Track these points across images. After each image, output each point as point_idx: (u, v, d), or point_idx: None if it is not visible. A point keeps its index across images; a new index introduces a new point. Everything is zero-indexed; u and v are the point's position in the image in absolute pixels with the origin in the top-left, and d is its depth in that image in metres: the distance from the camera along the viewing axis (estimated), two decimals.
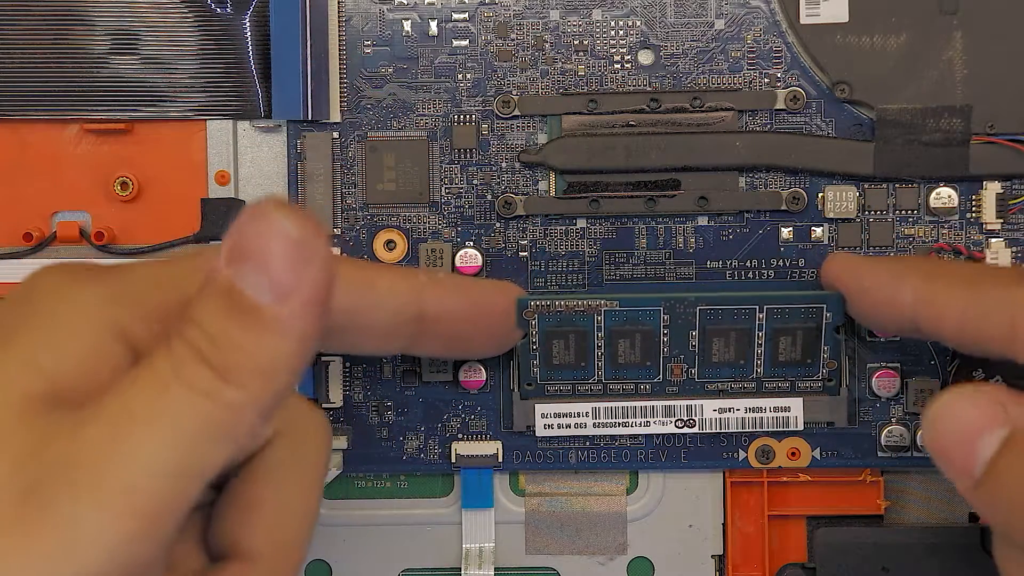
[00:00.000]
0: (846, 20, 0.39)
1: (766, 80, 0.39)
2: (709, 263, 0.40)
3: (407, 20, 0.39)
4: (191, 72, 0.39)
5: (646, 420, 0.39)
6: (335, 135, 0.39)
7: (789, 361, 0.39)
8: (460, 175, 0.40)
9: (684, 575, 0.41)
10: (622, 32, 0.39)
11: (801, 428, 0.39)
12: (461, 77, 0.39)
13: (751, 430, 0.39)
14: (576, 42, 0.39)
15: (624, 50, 0.39)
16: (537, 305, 0.38)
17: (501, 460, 0.40)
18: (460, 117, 0.39)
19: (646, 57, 0.39)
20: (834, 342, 0.38)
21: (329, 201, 0.39)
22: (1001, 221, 0.39)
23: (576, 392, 0.39)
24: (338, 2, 0.39)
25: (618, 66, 0.39)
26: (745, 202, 0.39)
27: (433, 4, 0.39)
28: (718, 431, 0.39)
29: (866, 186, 0.39)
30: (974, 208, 0.39)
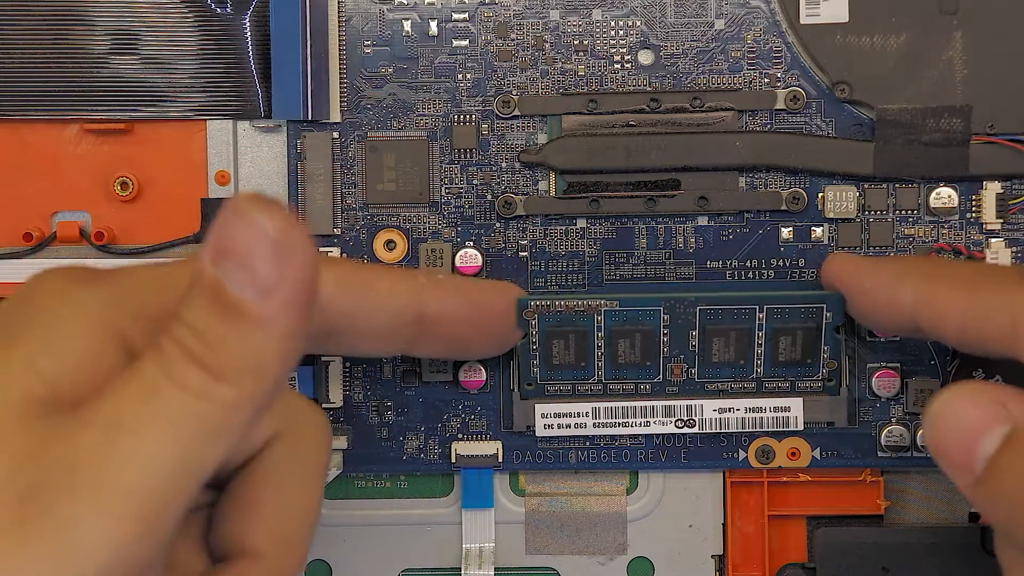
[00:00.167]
0: (846, 20, 0.39)
1: (766, 80, 0.39)
2: (709, 263, 0.40)
3: (407, 20, 0.39)
4: (191, 72, 0.39)
5: (646, 420, 0.39)
6: (335, 135, 0.39)
7: (789, 361, 0.39)
8: (460, 175, 0.40)
9: (684, 575, 0.41)
10: (622, 32, 0.39)
11: (801, 428, 0.39)
12: (461, 77, 0.39)
13: (751, 430, 0.39)
14: (576, 42, 0.39)
15: (624, 50, 0.39)
16: (537, 305, 0.38)
17: (501, 460, 0.40)
18: (460, 117, 0.39)
19: (646, 57, 0.39)
20: (834, 342, 0.38)
21: (329, 201, 0.39)
22: (1001, 221, 0.39)
23: (576, 392, 0.39)
24: (338, 2, 0.39)
25: (618, 66, 0.39)
26: (745, 202, 0.39)
27: (433, 4, 0.39)
28: (718, 431, 0.39)
29: (866, 186, 0.39)
30: (974, 208, 0.39)
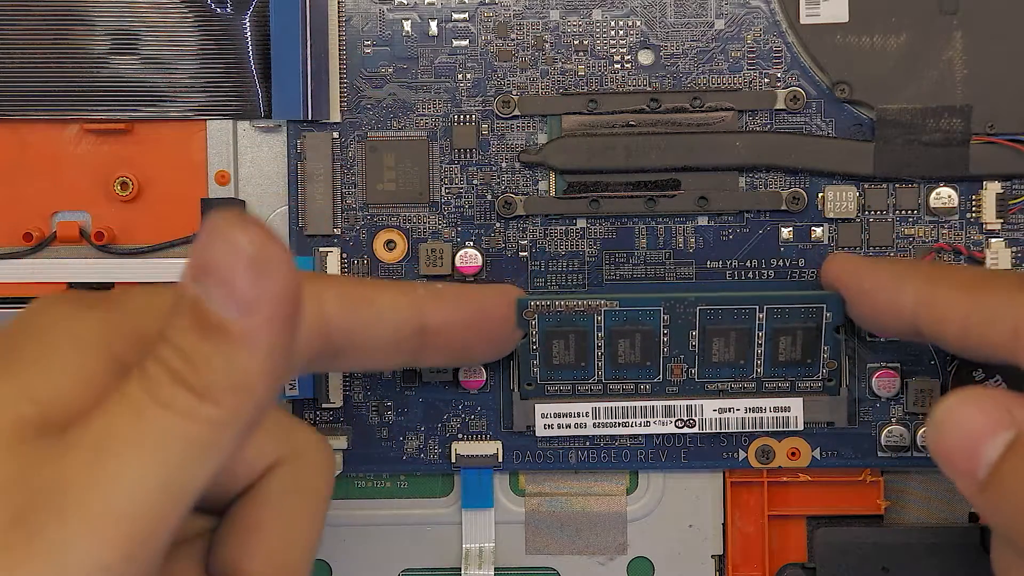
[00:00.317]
0: (846, 20, 0.39)
1: (766, 80, 0.39)
2: (709, 263, 0.40)
3: (407, 20, 0.39)
4: (191, 72, 0.39)
5: (646, 420, 0.39)
6: (335, 135, 0.39)
7: (789, 361, 0.39)
8: (460, 175, 0.40)
9: (684, 575, 0.41)
10: (622, 32, 0.39)
11: (801, 428, 0.39)
12: (461, 77, 0.39)
13: (751, 430, 0.39)
14: (576, 42, 0.39)
15: (624, 50, 0.39)
16: (537, 305, 0.38)
17: (501, 460, 0.40)
18: (460, 117, 0.39)
19: (646, 57, 0.39)
20: (834, 342, 0.38)
21: (329, 201, 0.39)
22: (1001, 221, 0.39)
23: (576, 392, 0.39)
24: (338, 2, 0.39)
25: (618, 66, 0.39)
26: (745, 202, 0.39)
27: (433, 4, 0.39)
28: (718, 431, 0.39)
29: (866, 186, 0.39)
30: (974, 208, 0.39)
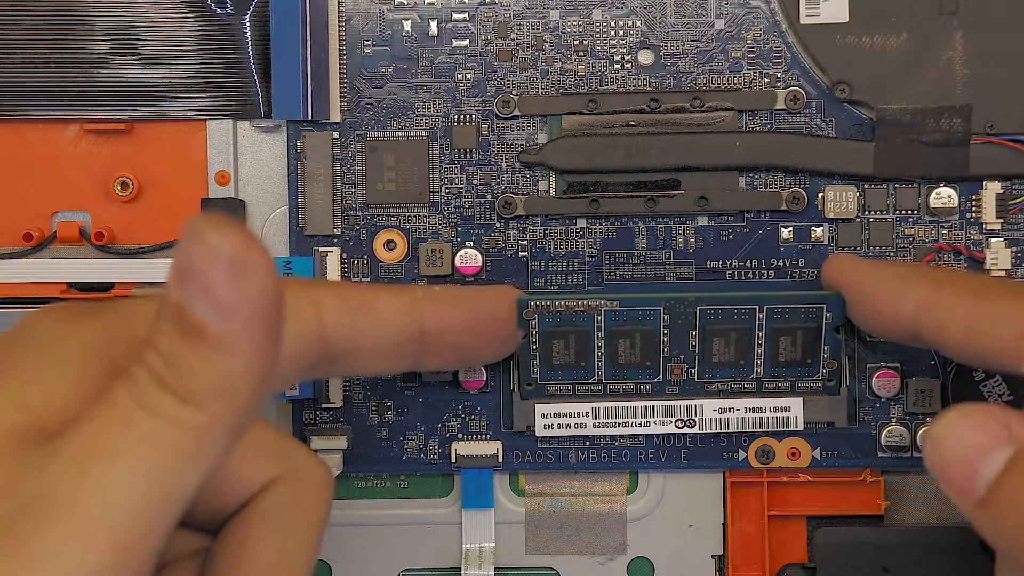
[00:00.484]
0: (846, 20, 0.39)
1: (766, 80, 0.39)
2: (709, 263, 0.40)
3: (407, 20, 0.39)
4: (191, 72, 0.39)
5: (646, 420, 0.39)
6: (335, 135, 0.39)
7: (789, 361, 0.39)
8: (460, 175, 0.40)
9: (684, 575, 0.41)
10: (622, 32, 0.39)
11: (801, 428, 0.39)
12: (461, 77, 0.39)
13: (751, 430, 0.39)
14: (576, 42, 0.39)
15: (624, 50, 0.39)
16: (537, 305, 0.38)
17: (501, 460, 0.40)
18: (460, 117, 0.39)
19: (646, 57, 0.39)
20: (834, 342, 0.38)
21: (329, 201, 0.39)
22: (1001, 221, 0.39)
23: (576, 392, 0.39)
24: (338, 2, 0.39)
25: (618, 66, 0.39)
26: (745, 202, 0.39)
27: (433, 4, 0.39)
28: (718, 431, 0.39)
29: (866, 186, 0.39)
30: (974, 208, 0.39)
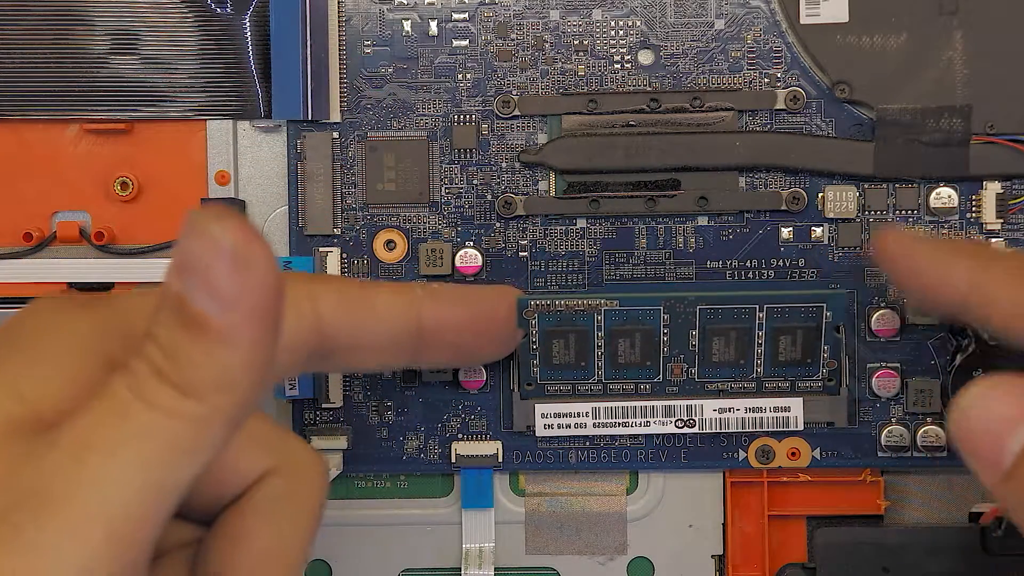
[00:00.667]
0: (846, 20, 0.39)
1: (766, 80, 0.39)
2: (709, 263, 0.40)
3: (407, 20, 0.39)
4: (191, 72, 0.39)
5: (646, 420, 0.39)
6: (335, 135, 0.39)
7: (789, 361, 0.39)
8: (460, 175, 0.40)
9: (684, 575, 0.41)
10: (622, 32, 0.39)
11: (801, 428, 0.39)
12: (461, 77, 0.39)
13: (751, 430, 0.39)
14: (576, 42, 0.39)
15: (624, 50, 0.39)
16: (537, 305, 0.38)
17: (501, 460, 0.40)
18: (460, 117, 0.39)
19: (646, 57, 0.39)
20: (834, 342, 0.38)
21: (329, 201, 0.39)
22: (1001, 221, 0.39)
23: (576, 392, 0.39)
24: (338, 2, 0.39)
25: (618, 66, 0.39)
26: (745, 202, 0.39)
27: (433, 4, 0.39)
28: (718, 431, 0.39)
29: (866, 186, 0.39)
30: (974, 208, 0.39)
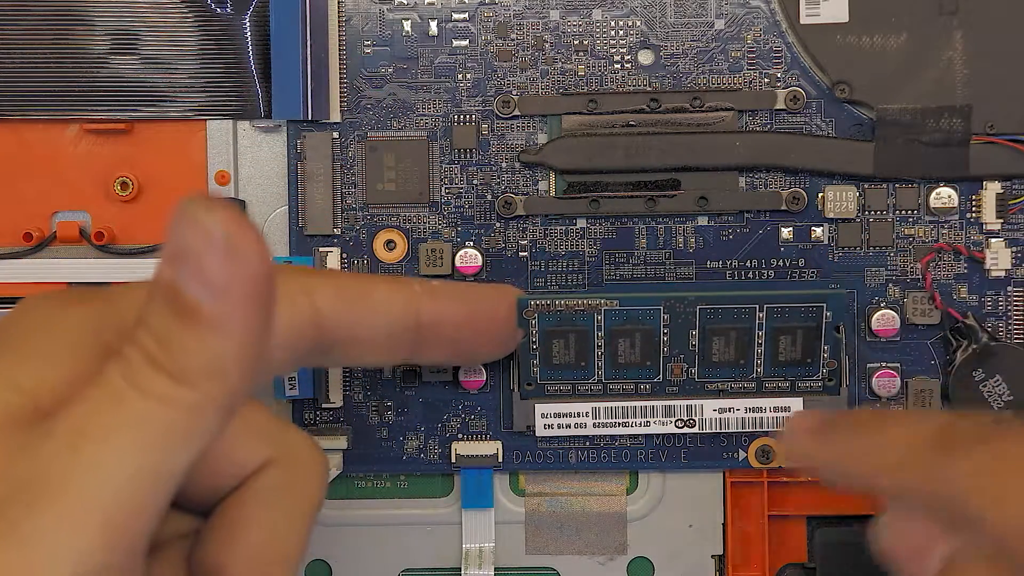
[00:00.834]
0: (846, 20, 0.39)
1: (766, 80, 0.39)
2: (709, 263, 0.40)
3: (407, 20, 0.39)
4: (191, 72, 0.39)
5: (646, 420, 0.39)
6: (335, 135, 0.39)
7: (789, 361, 0.39)
8: (460, 175, 0.40)
9: (684, 575, 0.41)
10: (622, 32, 0.39)
11: None
12: (461, 77, 0.39)
13: (751, 430, 0.39)
14: (576, 42, 0.39)
15: (624, 50, 0.39)
16: (537, 304, 0.38)
17: (501, 460, 0.40)
18: (460, 117, 0.39)
19: (646, 57, 0.39)
20: (834, 342, 0.38)
21: (329, 201, 0.39)
22: (1001, 221, 0.39)
23: (576, 392, 0.39)
24: (338, 2, 0.39)
25: (618, 66, 0.39)
26: (745, 202, 0.39)
27: (433, 4, 0.39)
28: (718, 431, 0.39)
29: (866, 186, 0.39)
30: (974, 208, 0.39)
